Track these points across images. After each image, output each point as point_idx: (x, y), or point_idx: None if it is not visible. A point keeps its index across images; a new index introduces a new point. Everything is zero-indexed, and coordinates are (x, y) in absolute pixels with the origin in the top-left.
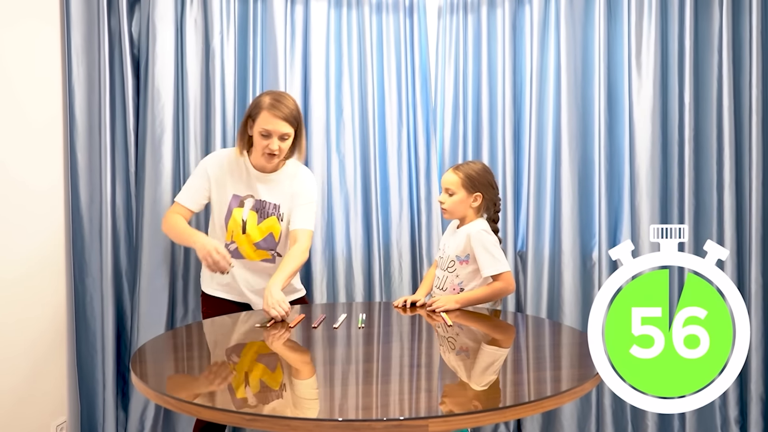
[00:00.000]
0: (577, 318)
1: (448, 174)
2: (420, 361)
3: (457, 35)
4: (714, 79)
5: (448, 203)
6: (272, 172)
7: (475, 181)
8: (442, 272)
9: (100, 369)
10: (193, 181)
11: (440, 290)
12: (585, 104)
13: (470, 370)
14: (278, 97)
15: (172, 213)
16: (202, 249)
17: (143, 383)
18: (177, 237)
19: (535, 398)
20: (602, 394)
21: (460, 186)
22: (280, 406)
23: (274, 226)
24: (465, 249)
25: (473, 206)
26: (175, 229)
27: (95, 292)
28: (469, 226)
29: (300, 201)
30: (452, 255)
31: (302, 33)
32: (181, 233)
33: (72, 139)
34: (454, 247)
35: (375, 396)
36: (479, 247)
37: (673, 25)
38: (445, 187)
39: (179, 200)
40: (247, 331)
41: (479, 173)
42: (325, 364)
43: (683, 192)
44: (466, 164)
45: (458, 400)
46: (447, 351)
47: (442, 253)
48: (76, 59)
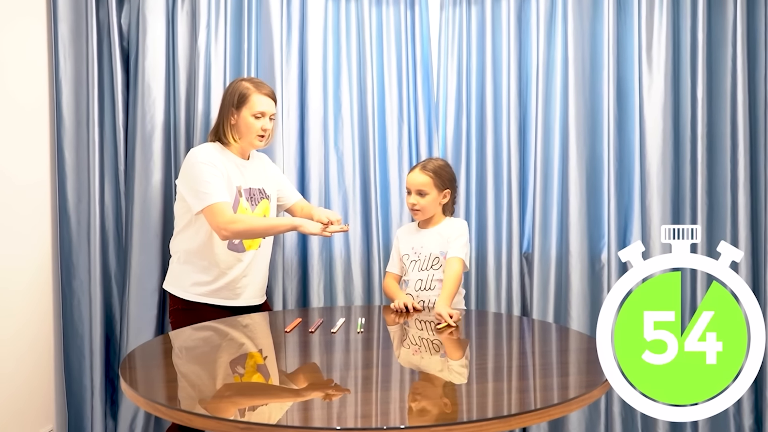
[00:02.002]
0: (585, 322)
1: (418, 175)
2: (421, 367)
3: (460, 27)
4: (728, 73)
5: (421, 204)
6: (248, 159)
7: (444, 179)
8: (424, 272)
9: (88, 375)
10: (210, 177)
11: (428, 291)
12: (593, 100)
13: (478, 375)
14: (255, 80)
15: (229, 212)
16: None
17: (133, 390)
18: (265, 231)
19: (541, 406)
20: (611, 401)
21: (432, 185)
22: (275, 413)
23: (266, 209)
24: (446, 244)
25: (441, 203)
26: (258, 225)
27: (83, 295)
28: (447, 226)
29: (281, 176)
30: (435, 253)
31: (299, 25)
32: (270, 226)
33: (59, 135)
34: (434, 245)
35: (374, 403)
36: (462, 234)
37: (685, 17)
38: (416, 189)
39: (221, 198)
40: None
41: (445, 169)
42: (322, 371)
43: (696, 191)
44: (430, 162)
45: (461, 406)
46: (453, 356)
47: (415, 256)
48: (63, 53)
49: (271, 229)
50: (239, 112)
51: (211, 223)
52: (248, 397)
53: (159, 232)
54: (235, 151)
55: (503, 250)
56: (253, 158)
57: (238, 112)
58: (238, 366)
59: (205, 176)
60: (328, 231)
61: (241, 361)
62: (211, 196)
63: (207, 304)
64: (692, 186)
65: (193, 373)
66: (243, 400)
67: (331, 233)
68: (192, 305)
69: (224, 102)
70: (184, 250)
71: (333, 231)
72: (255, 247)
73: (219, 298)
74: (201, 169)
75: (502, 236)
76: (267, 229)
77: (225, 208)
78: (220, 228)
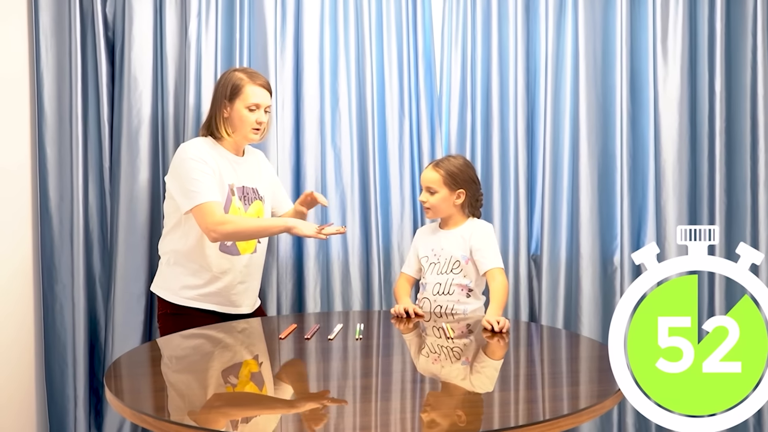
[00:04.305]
0: (596, 328)
1: (429, 171)
2: (423, 376)
3: (464, 16)
4: (748, 65)
5: (430, 202)
6: (242, 156)
7: (457, 178)
8: (443, 276)
9: (71, 384)
10: (199, 175)
11: (446, 295)
12: (605, 93)
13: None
14: (249, 70)
15: (219, 213)
16: (307, 228)
17: (118, 400)
18: (257, 232)
19: (550, 417)
20: (624, 412)
21: (442, 184)
22: (268, 425)
23: (260, 211)
24: (467, 247)
25: (457, 204)
26: (249, 226)
27: (66, 300)
28: (469, 228)
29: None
30: (456, 255)
31: (294, 13)
32: (262, 227)
33: (40, 131)
34: (455, 247)
35: (374, 414)
36: (491, 239)
37: (702, 5)
38: (426, 186)
39: (211, 198)
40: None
41: (461, 169)
42: (318, 380)
43: (714, 190)
44: (446, 160)
45: (468, 415)
46: (454, 363)
47: (434, 258)
48: (44, 43)
49: (263, 231)
50: (232, 104)
51: (200, 224)
52: (240, 408)
53: (146, 233)
54: (229, 147)
55: (510, 252)
56: (247, 155)
57: (232, 104)
58: (231, 375)
59: (195, 174)
60: (323, 233)
61: (234, 370)
62: (200, 195)
63: (197, 309)
64: (710, 184)
65: (183, 383)
66: (235, 411)
67: (327, 235)
68: (181, 310)
69: (216, 94)
70: (174, 251)
71: (329, 233)
72: (250, 251)
73: (211, 304)
74: (190, 166)
75: (509, 238)
76: (259, 231)
77: (215, 208)
78: (209, 229)
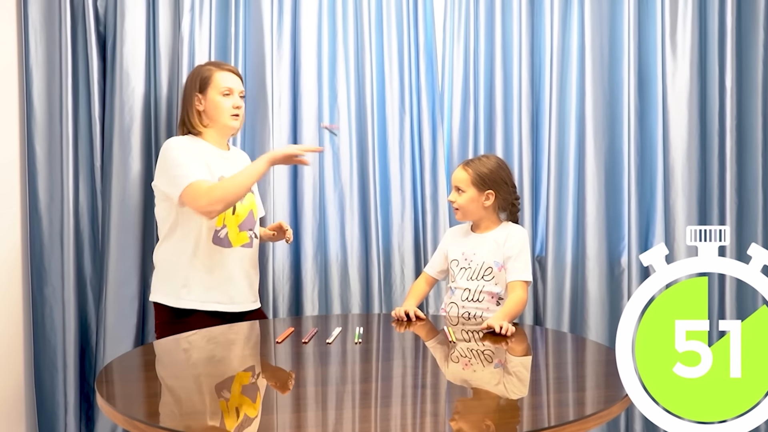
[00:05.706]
0: (603, 332)
1: (458, 170)
2: (425, 381)
3: (467, 9)
4: (759, 60)
5: (458, 202)
6: (228, 150)
7: (486, 178)
8: (473, 282)
9: (61, 390)
10: (183, 159)
11: (474, 303)
12: (612, 89)
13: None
14: (214, 61)
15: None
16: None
17: (110, 406)
18: (246, 181)
19: (555, 423)
20: (632, 418)
21: (470, 183)
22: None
23: (252, 203)
24: (501, 253)
25: (486, 205)
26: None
27: (56, 303)
28: (503, 232)
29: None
30: (489, 262)
31: (291, 7)
32: (246, 175)
33: (29, 128)
34: (488, 253)
35: (373, 421)
36: (525, 247)
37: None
38: (454, 185)
39: (198, 176)
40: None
41: (491, 169)
42: (316, 385)
43: (724, 189)
44: (478, 159)
45: (470, 419)
46: (457, 367)
47: (465, 263)
48: (33, 38)
49: (249, 177)
50: (205, 94)
51: (194, 205)
52: (236, 414)
53: (139, 234)
54: (211, 140)
55: None
56: (234, 151)
57: (204, 95)
58: (226, 380)
59: (178, 160)
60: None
61: (229, 374)
62: (185, 177)
63: (200, 312)
64: (720, 183)
65: (176, 388)
66: (230, 417)
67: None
68: (182, 314)
69: (186, 91)
70: (172, 255)
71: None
72: (245, 240)
73: (211, 303)
74: (173, 154)
75: None
76: (246, 179)
77: (200, 183)
78: (203, 205)
